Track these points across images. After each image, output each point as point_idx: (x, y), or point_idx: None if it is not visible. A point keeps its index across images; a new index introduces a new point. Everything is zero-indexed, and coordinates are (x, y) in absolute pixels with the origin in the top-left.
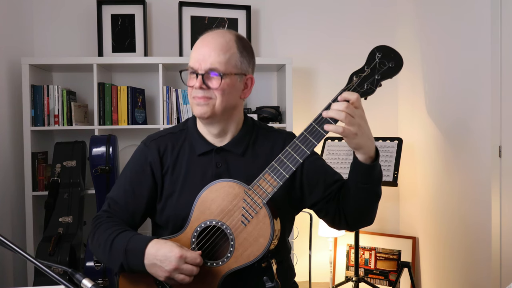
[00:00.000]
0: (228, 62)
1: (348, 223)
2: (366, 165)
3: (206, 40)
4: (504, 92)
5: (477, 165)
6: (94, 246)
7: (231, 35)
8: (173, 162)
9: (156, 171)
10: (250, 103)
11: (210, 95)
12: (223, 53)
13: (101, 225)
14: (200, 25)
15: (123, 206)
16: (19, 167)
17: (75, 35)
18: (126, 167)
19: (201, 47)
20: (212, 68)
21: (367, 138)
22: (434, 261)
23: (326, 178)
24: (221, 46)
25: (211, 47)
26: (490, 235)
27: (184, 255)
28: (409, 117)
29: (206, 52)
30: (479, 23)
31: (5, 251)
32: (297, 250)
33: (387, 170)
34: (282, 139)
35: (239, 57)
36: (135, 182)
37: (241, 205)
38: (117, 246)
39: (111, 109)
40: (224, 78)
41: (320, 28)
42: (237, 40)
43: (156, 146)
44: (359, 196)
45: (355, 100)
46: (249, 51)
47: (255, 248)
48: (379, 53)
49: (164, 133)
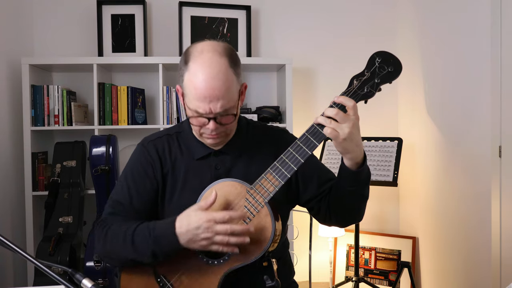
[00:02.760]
0: (233, 95)
1: (338, 220)
2: (352, 170)
3: (207, 82)
4: (504, 92)
5: (477, 165)
6: (110, 247)
7: (225, 60)
8: (172, 164)
9: (157, 172)
10: (250, 103)
11: (224, 129)
12: (228, 91)
13: (111, 226)
14: (200, 25)
15: (128, 207)
16: (19, 167)
17: (75, 35)
18: (126, 169)
19: (204, 90)
20: (223, 111)
21: (355, 145)
22: (434, 261)
23: (320, 176)
24: (223, 84)
25: (215, 89)
26: (490, 235)
27: (212, 218)
28: (409, 117)
29: (212, 96)
30: (479, 23)
31: (5, 251)
32: (297, 250)
33: (387, 170)
34: (276, 137)
35: (236, 80)
36: (138, 182)
37: (243, 204)
38: (141, 237)
39: (111, 109)
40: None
41: (320, 28)
42: (230, 62)
43: (154, 147)
44: (347, 197)
45: (351, 107)
46: (238, 60)
47: (256, 246)
48: (378, 58)
49: (161, 134)
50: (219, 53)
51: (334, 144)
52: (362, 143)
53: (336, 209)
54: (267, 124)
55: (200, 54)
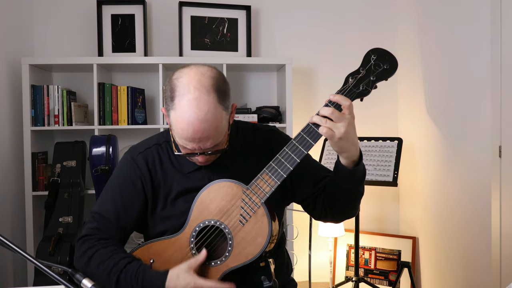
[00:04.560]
0: (223, 130)
1: (333, 216)
2: (348, 169)
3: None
4: (504, 92)
5: (477, 165)
6: (93, 271)
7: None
8: (163, 176)
9: (146, 185)
10: (250, 103)
11: (214, 157)
12: (217, 130)
13: (98, 250)
14: (200, 25)
15: (114, 223)
16: (19, 167)
17: (75, 35)
18: (113, 180)
19: (192, 133)
20: (213, 147)
21: (351, 143)
22: (434, 261)
23: (314, 174)
24: (212, 124)
25: (204, 131)
26: (490, 235)
27: (198, 285)
28: (409, 117)
29: (201, 138)
30: (479, 22)
31: (5, 251)
32: (297, 250)
33: (387, 170)
34: (267, 137)
35: (225, 115)
36: (126, 197)
37: (239, 205)
38: (128, 281)
39: (111, 109)
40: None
41: (320, 28)
42: (218, 98)
43: (144, 159)
44: (342, 195)
45: (347, 106)
46: (226, 90)
47: (253, 247)
48: (374, 55)
49: (150, 144)
50: (206, 90)
51: (330, 143)
52: (358, 142)
53: (332, 206)
54: (256, 124)
55: (187, 92)
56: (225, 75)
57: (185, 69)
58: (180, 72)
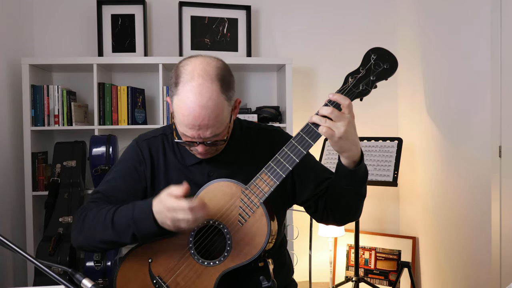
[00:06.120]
0: (224, 120)
1: (335, 219)
2: (349, 169)
3: (195, 111)
4: (504, 92)
5: (477, 165)
6: (88, 230)
7: (216, 85)
8: (165, 166)
9: (147, 171)
10: (250, 103)
11: (214, 149)
12: (217, 118)
13: (91, 210)
14: (200, 25)
15: (114, 200)
16: (19, 167)
17: (75, 35)
18: (117, 164)
19: (192, 119)
20: (213, 136)
21: (352, 143)
22: (434, 261)
23: (316, 175)
24: (212, 112)
25: (204, 118)
26: (490, 235)
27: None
28: (409, 117)
29: (201, 125)
30: (479, 23)
31: (5, 251)
32: (297, 250)
33: (387, 170)
34: (271, 137)
35: (227, 105)
36: (126, 178)
37: (238, 205)
38: (121, 219)
39: (111, 109)
40: (226, 133)
41: (320, 28)
42: (221, 87)
43: (147, 146)
44: (344, 196)
45: (347, 106)
46: (230, 82)
47: (251, 247)
48: (374, 55)
49: (157, 133)
50: (210, 78)
51: (330, 143)
52: (359, 142)
53: (334, 208)
54: (261, 124)
55: (191, 78)
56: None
57: (192, 58)
58: (187, 60)
